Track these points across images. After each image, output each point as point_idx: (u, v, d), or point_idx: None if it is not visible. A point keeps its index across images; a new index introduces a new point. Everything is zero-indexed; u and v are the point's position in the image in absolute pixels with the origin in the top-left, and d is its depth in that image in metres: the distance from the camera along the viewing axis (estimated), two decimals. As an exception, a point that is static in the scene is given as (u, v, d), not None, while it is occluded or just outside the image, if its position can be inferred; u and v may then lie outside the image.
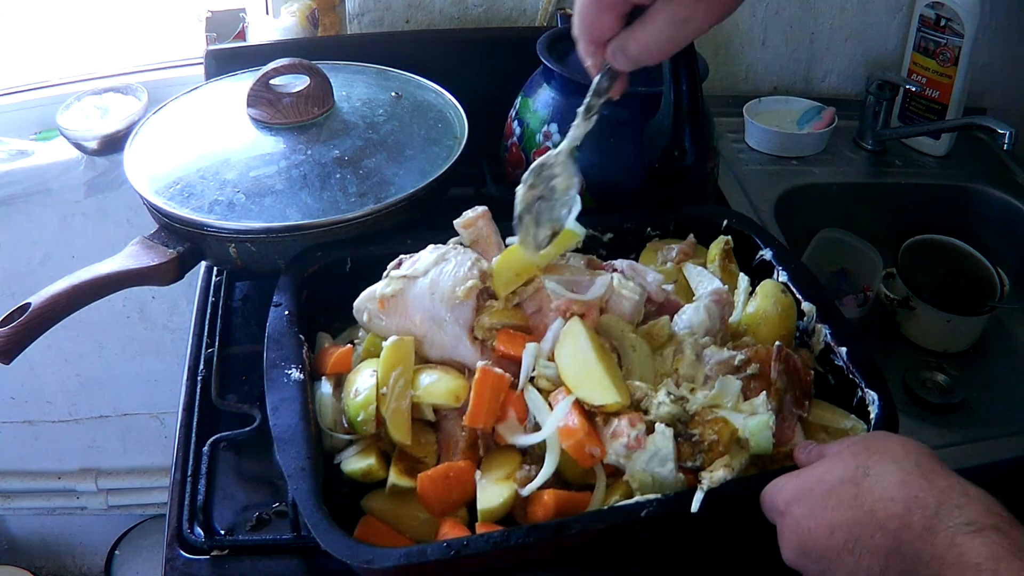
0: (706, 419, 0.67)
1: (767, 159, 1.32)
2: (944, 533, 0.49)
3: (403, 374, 0.71)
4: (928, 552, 0.49)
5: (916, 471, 0.53)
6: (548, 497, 0.65)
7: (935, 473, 0.53)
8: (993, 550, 0.46)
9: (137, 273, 0.83)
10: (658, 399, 0.68)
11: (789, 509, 0.57)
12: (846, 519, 0.53)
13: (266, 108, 0.94)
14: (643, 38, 0.61)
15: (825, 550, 0.53)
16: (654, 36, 0.60)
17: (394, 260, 0.79)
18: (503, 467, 0.69)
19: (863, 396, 0.72)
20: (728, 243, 0.88)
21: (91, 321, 1.54)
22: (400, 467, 0.69)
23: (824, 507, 0.54)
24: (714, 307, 0.77)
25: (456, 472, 0.67)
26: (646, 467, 0.65)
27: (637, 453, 0.64)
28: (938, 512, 0.50)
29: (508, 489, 0.66)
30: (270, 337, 0.74)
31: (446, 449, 0.71)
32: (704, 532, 0.69)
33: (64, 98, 1.34)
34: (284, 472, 0.64)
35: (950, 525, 0.49)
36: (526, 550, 0.61)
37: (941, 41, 1.27)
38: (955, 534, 0.48)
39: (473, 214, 0.83)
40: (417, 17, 1.28)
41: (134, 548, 1.84)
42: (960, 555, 0.47)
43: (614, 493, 0.66)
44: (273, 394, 0.69)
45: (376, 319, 0.77)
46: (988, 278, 1.16)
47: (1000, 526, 0.48)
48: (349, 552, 0.58)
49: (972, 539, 0.48)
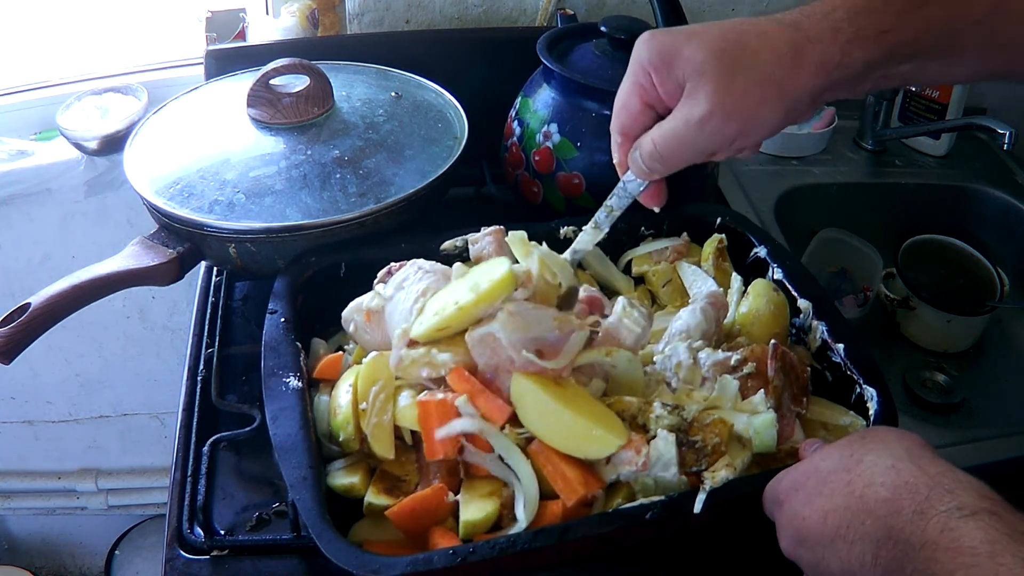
0: (705, 423, 0.67)
1: (767, 159, 1.32)
2: (936, 518, 0.48)
3: (383, 388, 0.69)
4: (920, 538, 0.48)
5: (906, 457, 0.52)
6: (555, 507, 0.64)
7: (925, 460, 0.52)
8: (988, 533, 0.45)
9: (137, 273, 0.83)
10: (654, 414, 0.67)
11: (787, 498, 0.57)
12: (838, 506, 0.52)
13: (266, 108, 0.94)
14: (656, 135, 0.59)
15: (820, 537, 0.53)
16: (666, 135, 0.58)
17: (384, 268, 0.79)
18: (488, 484, 0.67)
19: (861, 392, 0.72)
20: (722, 241, 0.88)
21: (91, 321, 1.54)
22: (380, 486, 0.67)
23: (818, 495, 0.54)
24: (710, 310, 0.77)
25: (423, 502, 0.65)
26: (649, 474, 0.64)
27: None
28: (929, 497, 0.49)
29: (491, 503, 0.65)
30: (267, 345, 0.74)
31: (426, 471, 0.68)
32: (708, 533, 0.69)
33: (64, 98, 1.34)
34: (286, 482, 0.63)
35: (942, 510, 0.48)
36: (531, 555, 0.61)
37: (941, 41, 1.27)
38: (948, 518, 0.47)
39: (485, 231, 0.83)
40: (417, 17, 1.28)
41: (134, 548, 1.84)
42: (954, 539, 0.46)
43: (616, 496, 0.66)
44: (272, 403, 0.69)
45: (362, 331, 0.77)
46: (988, 278, 1.16)
47: (994, 509, 0.47)
48: (355, 562, 0.58)
49: (966, 523, 0.46)
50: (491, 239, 0.83)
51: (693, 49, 0.62)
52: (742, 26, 0.63)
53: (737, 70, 0.61)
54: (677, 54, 0.63)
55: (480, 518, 0.64)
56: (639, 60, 0.65)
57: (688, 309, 0.77)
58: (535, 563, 0.63)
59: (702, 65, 0.61)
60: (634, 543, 0.67)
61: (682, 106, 0.63)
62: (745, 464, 0.66)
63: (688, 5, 0.85)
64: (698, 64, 0.62)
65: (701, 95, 0.61)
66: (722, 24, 0.64)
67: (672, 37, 0.64)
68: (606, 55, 0.97)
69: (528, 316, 0.65)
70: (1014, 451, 0.89)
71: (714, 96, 0.61)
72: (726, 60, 0.61)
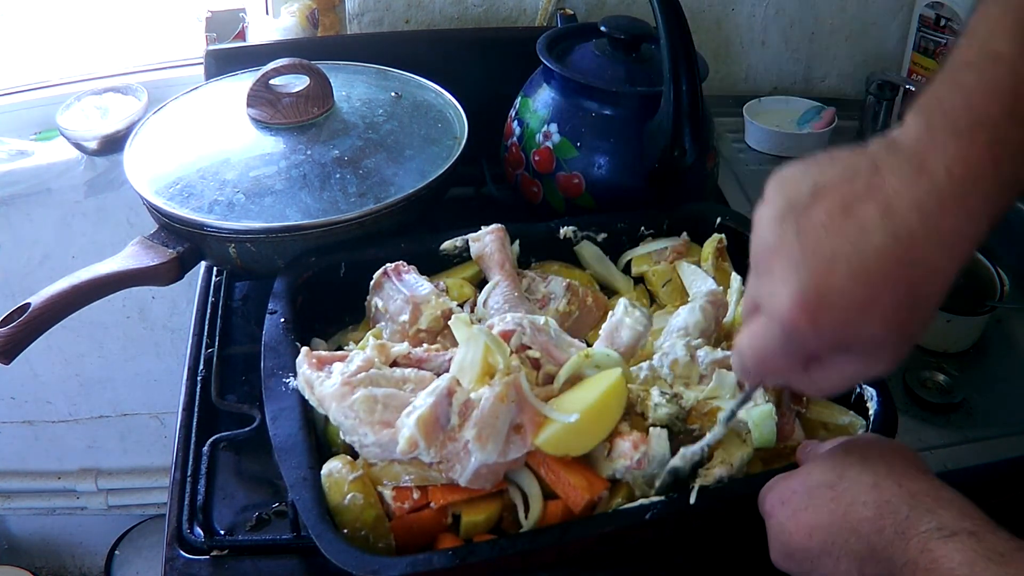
0: (703, 411, 0.67)
1: (767, 159, 1.32)
2: (916, 538, 0.48)
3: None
4: (901, 557, 0.48)
5: (888, 475, 0.53)
6: (554, 507, 0.65)
7: (908, 477, 0.52)
8: (966, 555, 0.46)
9: (137, 273, 0.82)
10: (653, 401, 0.67)
11: (774, 511, 0.57)
12: (823, 523, 0.53)
13: (266, 108, 0.94)
14: (821, 384, 0.54)
15: (806, 552, 0.54)
16: (830, 383, 0.53)
17: (380, 270, 0.79)
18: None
19: (861, 392, 0.72)
20: (721, 241, 0.88)
21: (91, 321, 1.54)
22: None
23: (804, 510, 0.55)
24: (710, 308, 0.77)
25: (420, 521, 0.64)
26: (645, 473, 0.65)
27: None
28: (909, 516, 0.49)
29: (494, 505, 0.65)
30: (267, 345, 0.74)
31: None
32: (708, 533, 0.70)
33: (64, 98, 1.34)
34: (286, 483, 0.63)
35: (922, 530, 0.48)
36: (531, 555, 0.61)
37: (941, 41, 1.27)
38: (927, 539, 0.48)
39: (485, 230, 0.83)
40: (417, 17, 1.28)
41: (134, 548, 1.83)
42: (933, 560, 0.47)
43: (616, 496, 0.66)
44: (272, 403, 0.69)
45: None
46: (988, 278, 1.16)
47: (974, 530, 0.47)
48: (355, 563, 0.58)
49: (944, 544, 0.47)
50: (492, 238, 0.84)
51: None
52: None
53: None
54: None
55: (482, 519, 0.64)
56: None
57: (687, 307, 0.78)
58: (535, 563, 0.63)
59: None
60: (634, 543, 0.67)
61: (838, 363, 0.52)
62: (745, 461, 0.66)
63: (687, 4, 0.84)
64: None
65: None
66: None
67: None
68: (606, 55, 0.97)
69: (494, 424, 0.63)
70: (1014, 451, 0.89)
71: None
72: None
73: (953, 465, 0.85)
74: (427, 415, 0.61)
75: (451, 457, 0.62)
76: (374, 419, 0.64)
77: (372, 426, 0.63)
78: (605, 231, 0.90)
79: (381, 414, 0.64)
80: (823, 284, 0.45)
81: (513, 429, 0.63)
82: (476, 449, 0.61)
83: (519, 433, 0.63)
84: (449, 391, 0.63)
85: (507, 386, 0.63)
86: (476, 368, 0.64)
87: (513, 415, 0.63)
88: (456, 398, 0.63)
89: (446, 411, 0.62)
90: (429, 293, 0.78)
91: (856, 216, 0.45)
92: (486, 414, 0.62)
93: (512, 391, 0.63)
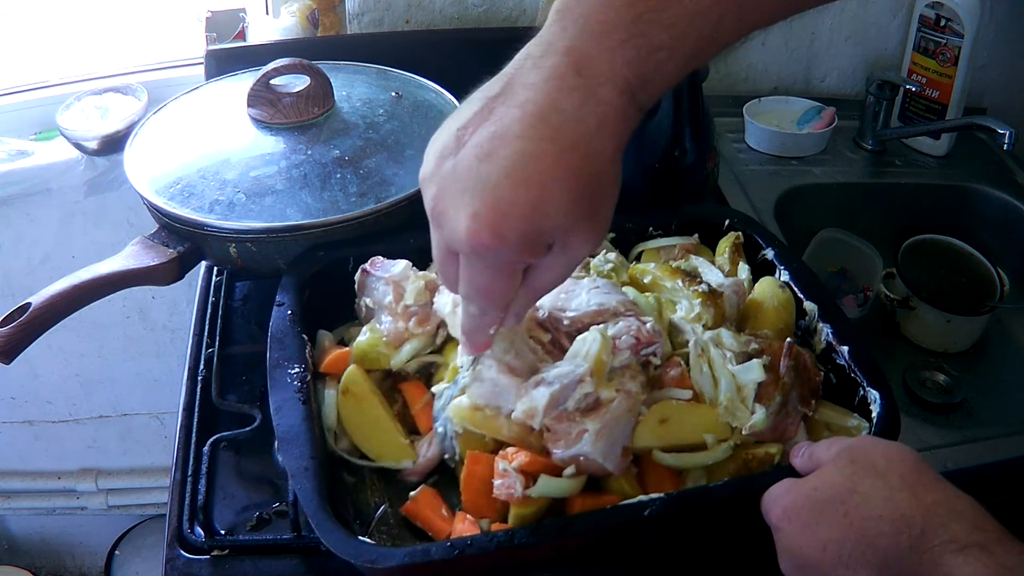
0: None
1: (767, 159, 1.32)
2: (929, 552, 0.49)
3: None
4: (915, 571, 0.49)
5: (901, 485, 0.53)
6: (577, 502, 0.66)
7: (921, 486, 0.53)
8: (976, 568, 0.47)
9: (137, 273, 0.82)
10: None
11: (782, 525, 0.57)
12: (836, 537, 0.53)
13: (266, 108, 0.94)
14: (546, 284, 0.56)
15: (819, 564, 0.54)
16: (552, 278, 0.56)
17: (368, 262, 0.80)
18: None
19: (865, 395, 0.72)
20: (738, 238, 0.88)
21: (91, 321, 1.54)
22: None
23: (816, 524, 0.55)
24: (733, 297, 0.78)
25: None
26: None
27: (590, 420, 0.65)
28: (924, 530, 0.50)
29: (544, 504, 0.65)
30: (273, 336, 0.74)
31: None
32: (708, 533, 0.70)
33: (64, 98, 1.34)
34: (287, 472, 0.64)
35: (935, 544, 0.49)
36: (529, 550, 0.61)
37: (941, 41, 1.27)
38: (940, 553, 0.49)
39: None
40: (417, 17, 1.28)
41: (134, 548, 1.84)
42: (945, 575, 0.48)
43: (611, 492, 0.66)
44: (276, 393, 0.69)
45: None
46: (988, 278, 1.16)
47: (985, 543, 0.48)
48: (353, 552, 0.58)
49: (955, 558, 0.48)
50: None
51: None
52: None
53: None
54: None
55: (531, 512, 0.65)
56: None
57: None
58: (533, 558, 0.63)
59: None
60: (633, 540, 0.67)
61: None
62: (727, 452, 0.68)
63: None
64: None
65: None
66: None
67: None
68: (606, 55, 0.97)
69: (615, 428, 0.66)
70: (1014, 451, 0.89)
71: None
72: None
73: (953, 465, 0.85)
74: (557, 394, 0.64)
75: (560, 432, 0.65)
76: (504, 357, 0.66)
77: (499, 363, 0.66)
78: (613, 231, 0.90)
79: (512, 358, 0.67)
80: (491, 200, 0.49)
81: (623, 451, 0.66)
82: (589, 441, 0.63)
83: (625, 455, 0.66)
84: (580, 379, 0.66)
85: (636, 401, 0.67)
86: (591, 361, 0.67)
87: (628, 431, 0.66)
88: (582, 387, 0.65)
89: (567, 396, 0.65)
90: (405, 269, 0.78)
91: (500, 135, 0.50)
92: (616, 415, 0.65)
93: (639, 407, 0.67)
